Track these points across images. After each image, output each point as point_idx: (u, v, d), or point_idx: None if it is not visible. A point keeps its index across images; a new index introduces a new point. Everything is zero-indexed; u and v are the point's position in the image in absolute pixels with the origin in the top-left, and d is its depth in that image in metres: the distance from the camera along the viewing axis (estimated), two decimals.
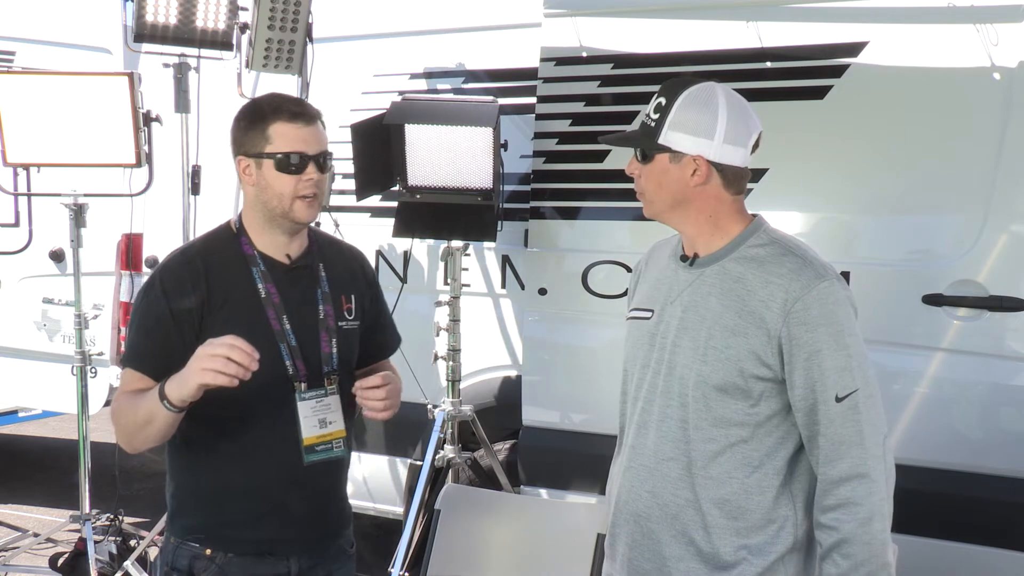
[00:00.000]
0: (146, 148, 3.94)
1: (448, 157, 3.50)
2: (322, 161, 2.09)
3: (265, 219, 2.12)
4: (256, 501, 2.11)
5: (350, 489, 2.39)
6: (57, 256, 4.93)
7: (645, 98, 2.01)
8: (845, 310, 1.86)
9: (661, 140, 1.90)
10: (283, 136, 2.05)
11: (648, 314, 2.01)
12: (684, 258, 1.99)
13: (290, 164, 2.04)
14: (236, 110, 2.16)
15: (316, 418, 2.11)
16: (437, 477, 3.60)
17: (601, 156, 3.58)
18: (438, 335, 3.71)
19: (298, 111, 2.08)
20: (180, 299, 2.06)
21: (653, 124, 1.92)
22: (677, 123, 1.89)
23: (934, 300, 3.12)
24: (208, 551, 2.11)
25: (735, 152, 1.90)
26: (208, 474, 2.14)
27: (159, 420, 1.96)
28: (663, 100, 1.92)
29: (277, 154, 2.05)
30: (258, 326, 2.08)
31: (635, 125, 2.00)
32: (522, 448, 3.85)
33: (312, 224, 2.18)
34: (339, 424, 2.13)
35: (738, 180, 1.94)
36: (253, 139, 2.07)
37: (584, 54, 3.66)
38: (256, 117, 2.09)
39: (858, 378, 1.83)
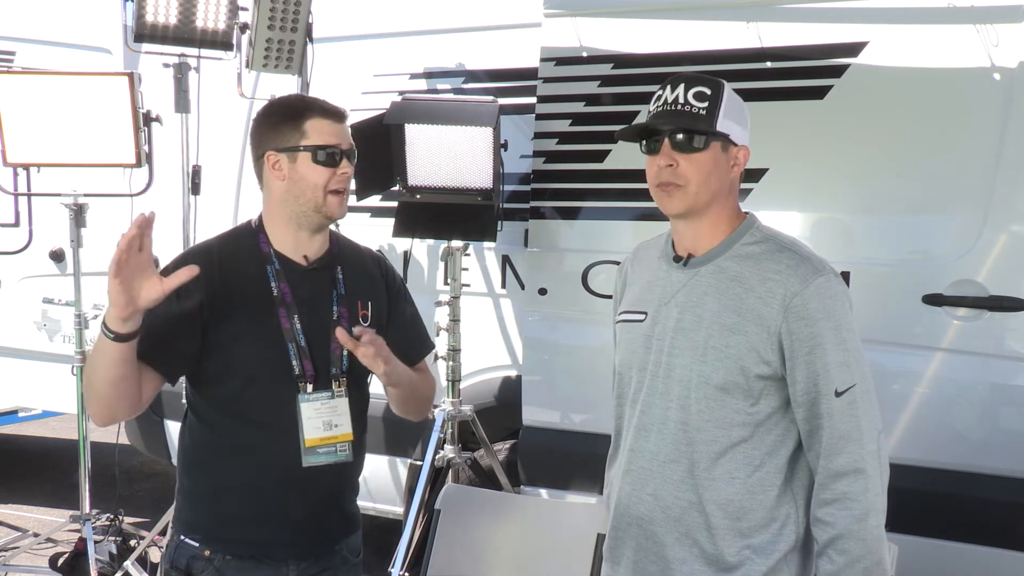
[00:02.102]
0: (146, 148, 3.94)
1: (448, 157, 3.50)
2: (353, 157, 2.12)
3: (291, 215, 2.12)
4: (255, 502, 2.10)
5: None
6: (57, 256, 4.93)
7: (645, 98, 1.99)
8: (843, 305, 1.86)
9: (719, 127, 1.86)
10: (319, 131, 2.08)
11: (641, 316, 1.99)
12: (678, 258, 1.98)
13: (326, 156, 2.07)
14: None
15: (321, 419, 2.08)
16: (437, 477, 3.60)
17: (601, 156, 3.58)
18: (438, 335, 3.71)
19: (332, 108, 2.13)
20: (188, 288, 2.03)
21: (703, 111, 1.85)
22: (730, 112, 1.87)
23: (934, 300, 3.13)
24: (207, 552, 2.10)
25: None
26: (210, 472, 2.14)
27: (104, 354, 1.89)
28: (706, 89, 1.86)
29: (314, 147, 2.07)
30: (267, 324, 2.08)
31: (640, 117, 1.97)
32: (522, 448, 3.85)
33: (338, 219, 2.15)
34: (346, 427, 2.10)
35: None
36: (286, 134, 2.09)
37: (584, 54, 3.66)
38: (290, 113, 2.11)
39: (855, 373, 1.84)
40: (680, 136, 1.87)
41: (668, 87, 1.90)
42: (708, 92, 1.86)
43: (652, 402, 1.95)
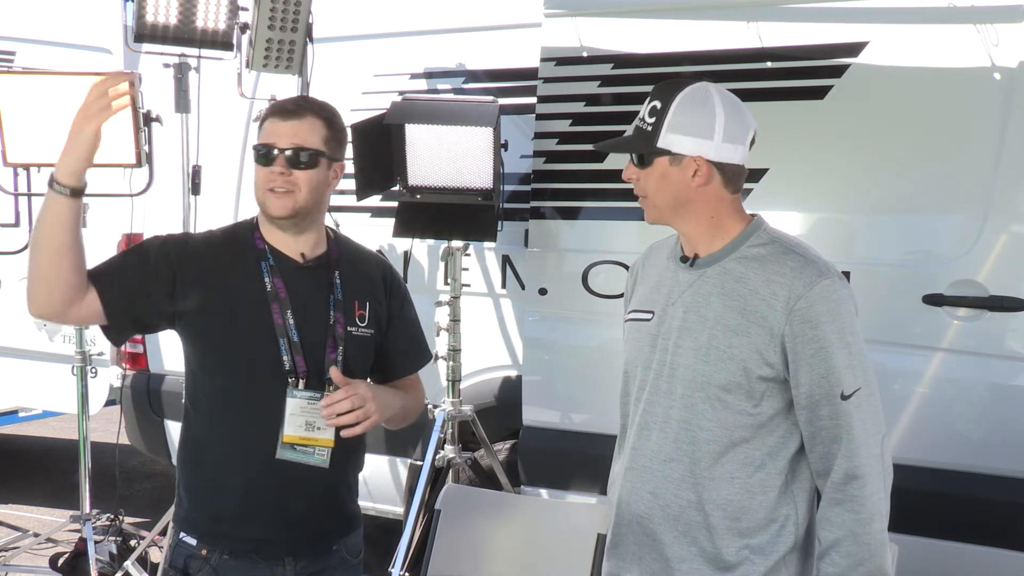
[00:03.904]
0: (146, 148, 3.94)
1: (448, 157, 3.50)
2: (295, 156, 2.07)
3: (260, 213, 2.17)
4: (251, 499, 2.11)
5: None
6: None
7: (645, 98, 2.00)
8: (847, 308, 1.86)
9: (660, 143, 1.89)
10: (267, 130, 2.12)
11: (648, 315, 2.01)
12: (684, 259, 1.98)
13: (259, 155, 2.10)
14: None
15: (303, 419, 2.06)
16: (437, 477, 3.60)
17: (601, 156, 3.57)
18: (438, 335, 3.71)
19: (284, 107, 2.14)
20: (179, 262, 2.08)
21: (650, 128, 1.91)
22: (675, 125, 1.88)
23: (934, 300, 3.13)
24: (204, 551, 2.11)
25: (735, 150, 1.90)
26: (205, 469, 2.15)
27: (53, 216, 1.95)
28: (658, 103, 1.91)
29: (256, 146, 2.12)
30: (260, 319, 2.08)
31: (629, 130, 1.99)
32: (522, 448, 3.85)
33: (282, 218, 2.12)
34: (328, 434, 2.06)
35: (737, 179, 1.94)
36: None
37: (584, 54, 3.66)
38: (263, 114, 2.17)
39: (859, 377, 1.83)
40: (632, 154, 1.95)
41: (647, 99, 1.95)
42: (659, 107, 1.90)
43: (655, 401, 1.96)
